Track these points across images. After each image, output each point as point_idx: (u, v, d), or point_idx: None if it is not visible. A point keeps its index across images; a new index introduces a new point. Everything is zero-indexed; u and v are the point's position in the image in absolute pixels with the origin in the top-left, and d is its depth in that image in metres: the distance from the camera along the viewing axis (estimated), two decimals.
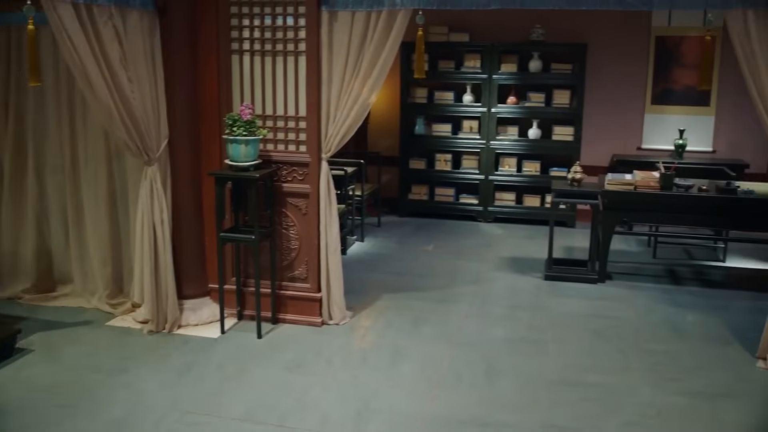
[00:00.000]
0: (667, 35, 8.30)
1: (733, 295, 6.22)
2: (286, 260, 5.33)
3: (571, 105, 8.31)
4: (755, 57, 4.49)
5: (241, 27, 5.10)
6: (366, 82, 4.99)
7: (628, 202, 6.32)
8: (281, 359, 4.78)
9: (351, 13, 4.92)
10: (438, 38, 8.46)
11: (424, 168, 8.81)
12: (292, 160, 5.18)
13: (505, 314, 5.67)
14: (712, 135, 8.36)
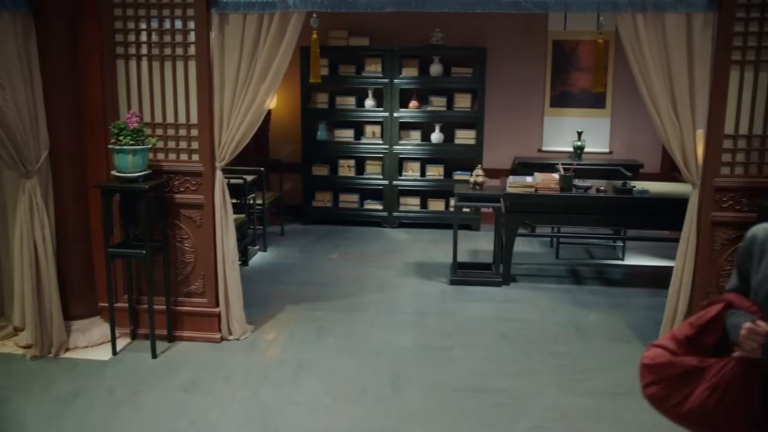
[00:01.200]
0: (564, 39, 8.46)
1: (632, 292, 6.35)
2: (182, 275, 5.08)
3: (473, 109, 8.35)
4: (645, 60, 4.57)
5: (126, 30, 4.83)
6: (260, 87, 4.82)
7: (529, 204, 6.36)
8: (177, 380, 4.53)
9: (242, 15, 4.73)
10: (338, 42, 8.34)
11: (328, 174, 8.66)
12: (185, 169, 4.94)
13: (411, 321, 5.58)
14: (608, 136, 8.58)
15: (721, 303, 2.35)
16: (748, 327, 2.17)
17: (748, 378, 2.21)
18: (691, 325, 2.40)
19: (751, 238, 2.33)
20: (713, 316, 2.35)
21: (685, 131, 4.55)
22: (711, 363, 2.28)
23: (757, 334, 2.15)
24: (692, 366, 2.31)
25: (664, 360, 2.37)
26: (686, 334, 2.38)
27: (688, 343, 2.38)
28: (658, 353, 2.40)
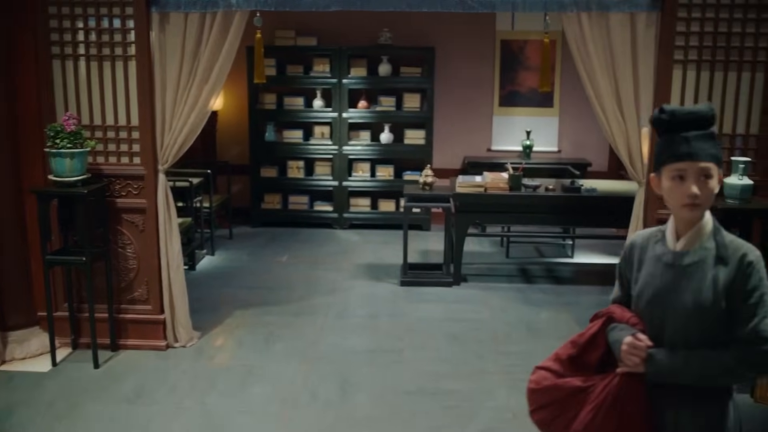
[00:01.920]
0: (512, 39, 8.50)
1: (582, 290, 6.40)
2: (124, 281, 4.93)
3: (422, 108, 8.32)
4: (591, 59, 4.59)
5: (62, 29, 4.66)
6: (203, 87, 4.71)
7: (479, 203, 6.36)
8: (120, 390, 4.38)
9: (184, 14, 4.61)
10: (285, 42, 8.23)
11: (276, 176, 8.54)
12: (126, 173, 4.79)
13: (361, 324, 5.52)
14: (557, 135, 8.64)
15: (602, 317, 2.30)
16: (628, 341, 2.13)
17: (632, 394, 2.14)
18: (574, 343, 2.34)
19: (630, 245, 2.30)
20: (595, 333, 2.30)
21: (630, 130, 4.59)
22: (595, 382, 2.21)
23: (638, 348, 2.11)
24: (576, 387, 2.24)
25: (549, 383, 2.30)
26: (569, 353, 2.33)
27: (571, 363, 2.31)
28: (543, 376, 2.33)
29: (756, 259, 2.05)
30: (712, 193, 2.08)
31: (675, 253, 2.14)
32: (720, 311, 2.05)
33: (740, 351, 2.03)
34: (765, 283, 2.05)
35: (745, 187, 4.22)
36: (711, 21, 4.46)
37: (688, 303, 2.08)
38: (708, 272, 2.07)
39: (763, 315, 2.02)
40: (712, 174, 2.07)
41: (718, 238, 2.11)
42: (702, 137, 2.08)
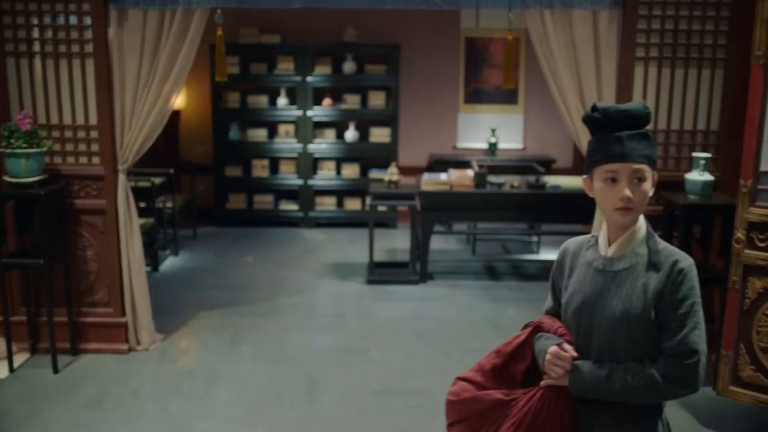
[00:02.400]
0: (476, 36, 8.51)
1: (548, 286, 6.40)
2: (84, 284, 4.82)
3: (387, 106, 8.30)
4: (554, 56, 4.60)
5: (15, 26, 4.54)
6: (164, 85, 4.62)
7: (444, 201, 6.35)
8: (81, 395, 4.28)
9: (143, 11, 4.52)
10: (248, 40, 8.14)
11: (241, 175, 8.44)
12: (84, 173, 4.69)
13: (327, 324, 5.48)
14: (521, 133, 8.68)
15: (530, 327, 2.19)
16: (552, 351, 2.02)
17: (555, 410, 2.01)
18: (498, 353, 2.21)
19: (563, 251, 2.19)
20: (521, 342, 2.17)
21: None
22: (518, 395, 2.08)
23: (563, 359, 2.00)
24: (498, 400, 2.10)
25: (469, 395, 2.15)
26: (493, 363, 2.19)
27: (495, 374, 2.18)
28: (463, 388, 2.18)
29: (688, 267, 1.96)
30: (646, 196, 1.98)
31: (606, 258, 2.04)
32: (649, 321, 1.94)
33: (667, 364, 1.92)
34: (697, 293, 1.96)
35: (706, 182, 4.26)
36: (671, 18, 4.50)
37: (616, 311, 1.97)
38: (638, 279, 1.97)
39: (693, 326, 1.93)
40: (645, 176, 1.96)
41: (651, 244, 2.01)
42: (635, 137, 1.97)
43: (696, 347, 1.92)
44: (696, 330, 1.93)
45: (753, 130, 3.63)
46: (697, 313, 1.94)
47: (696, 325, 1.93)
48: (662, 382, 1.92)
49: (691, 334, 1.92)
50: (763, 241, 3.66)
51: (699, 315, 1.95)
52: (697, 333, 1.93)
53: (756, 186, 3.67)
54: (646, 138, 1.99)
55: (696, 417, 4.06)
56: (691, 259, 1.98)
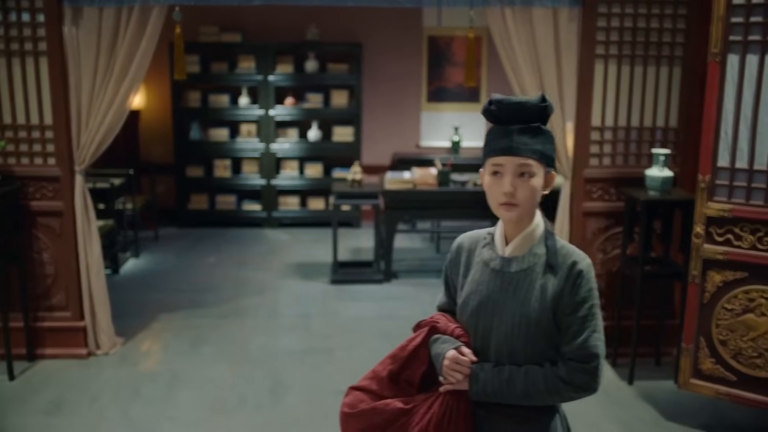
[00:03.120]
0: (439, 35, 8.52)
1: None
2: (41, 288, 4.70)
3: (350, 105, 8.27)
4: (515, 53, 4.62)
5: None
6: (121, 84, 4.53)
7: (408, 200, 6.35)
8: (38, 402, 4.18)
9: (98, 9, 4.42)
10: (209, 38, 8.04)
11: (203, 175, 8.34)
12: (40, 174, 4.57)
13: (291, 324, 5.43)
14: (484, 131, 8.70)
15: (425, 327, 2.06)
16: (450, 356, 1.92)
17: (456, 416, 1.92)
18: (394, 358, 2.07)
19: (457, 247, 2.09)
20: (417, 346, 2.05)
21: (555, 123, 4.63)
22: (418, 402, 1.97)
23: (461, 363, 1.91)
24: (398, 409, 1.97)
25: (366, 407, 2.00)
26: (390, 369, 2.05)
27: (392, 381, 2.04)
28: (359, 398, 2.03)
29: (586, 268, 1.89)
30: (533, 193, 1.88)
31: (503, 258, 1.95)
32: (547, 324, 1.88)
33: (567, 369, 1.87)
34: (595, 294, 1.90)
35: (665, 178, 4.31)
36: (630, 16, 4.54)
37: (515, 314, 1.89)
38: (536, 281, 1.90)
39: (592, 329, 1.87)
40: (533, 172, 1.87)
41: (549, 244, 1.93)
42: (527, 131, 1.88)
43: (596, 351, 1.87)
44: (595, 333, 1.88)
45: (710, 127, 3.68)
46: (596, 315, 1.89)
47: (595, 328, 1.88)
48: (563, 386, 1.87)
49: (591, 337, 1.87)
50: (721, 235, 3.71)
51: (598, 317, 1.90)
52: (596, 336, 1.88)
53: (714, 181, 3.72)
54: (541, 133, 1.90)
55: (658, 410, 4.11)
56: (589, 260, 1.92)
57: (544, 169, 1.91)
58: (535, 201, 1.91)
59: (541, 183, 1.91)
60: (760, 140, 3.58)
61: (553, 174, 1.94)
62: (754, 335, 3.65)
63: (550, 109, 1.92)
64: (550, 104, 1.92)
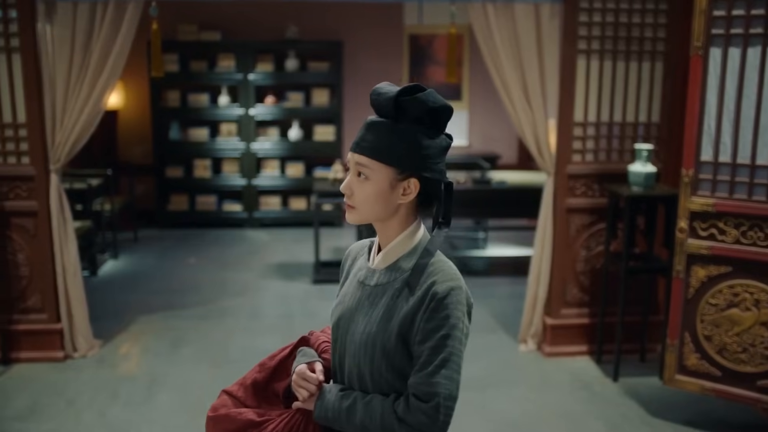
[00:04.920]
0: (420, 33, 8.48)
1: (496, 282, 6.42)
2: (16, 290, 4.60)
3: (331, 104, 8.21)
4: (497, 49, 4.58)
5: None
6: (97, 81, 4.45)
7: None
8: (12, 407, 4.08)
9: (73, 4, 4.34)
10: (188, 37, 7.94)
11: (183, 176, 8.24)
12: (13, 173, 4.47)
13: (273, 325, 5.36)
14: (466, 129, 8.68)
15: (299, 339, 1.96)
16: (299, 371, 1.76)
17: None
18: (262, 366, 1.94)
19: (347, 254, 1.93)
20: (285, 356, 1.92)
21: (538, 119, 4.60)
22: (273, 417, 1.81)
23: (309, 380, 1.74)
24: (249, 421, 1.81)
25: (224, 412, 1.87)
26: (254, 378, 1.92)
27: (256, 390, 1.91)
28: (222, 402, 1.90)
29: (445, 292, 1.62)
30: (368, 198, 1.66)
31: (369, 269, 1.77)
32: (394, 350, 1.66)
33: (406, 405, 1.63)
34: (453, 324, 1.62)
35: (648, 174, 4.28)
36: (612, 12, 4.51)
37: (363, 333, 1.69)
38: (391, 300, 1.68)
39: (439, 364, 1.60)
40: (368, 174, 1.65)
41: (420, 261, 1.68)
42: (375, 126, 1.67)
43: (436, 390, 1.60)
44: (443, 369, 1.61)
45: (693, 120, 3.66)
46: (446, 348, 1.61)
47: (443, 364, 1.61)
48: (398, 424, 1.62)
49: (437, 373, 1.60)
50: (705, 230, 3.69)
51: (450, 351, 1.61)
52: (443, 373, 1.61)
53: (697, 176, 3.69)
54: (391, 131, 1.65)
55: (643, 407, 4.08)
56: (456, 283, 1.65)
57: (394, 173, 1.66)
58: (379, 207, 1.68)
59: (383, 188, 1.66)
60: (743, 134, 3.57)
61: (412, 181, 1.67)
62: (739, 330, 3.64)
63: (410, 103, 1.65)
64: (416, 97, 1.64)
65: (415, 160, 1.66)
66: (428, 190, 1.71)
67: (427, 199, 1.74)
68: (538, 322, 4.85)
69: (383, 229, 1.74)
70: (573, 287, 4.76)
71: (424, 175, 1.67)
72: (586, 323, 4.78)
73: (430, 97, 1.66)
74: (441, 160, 1.70)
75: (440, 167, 1.70)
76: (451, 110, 1.71)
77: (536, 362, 4.72)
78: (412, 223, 1.74)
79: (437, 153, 1.68)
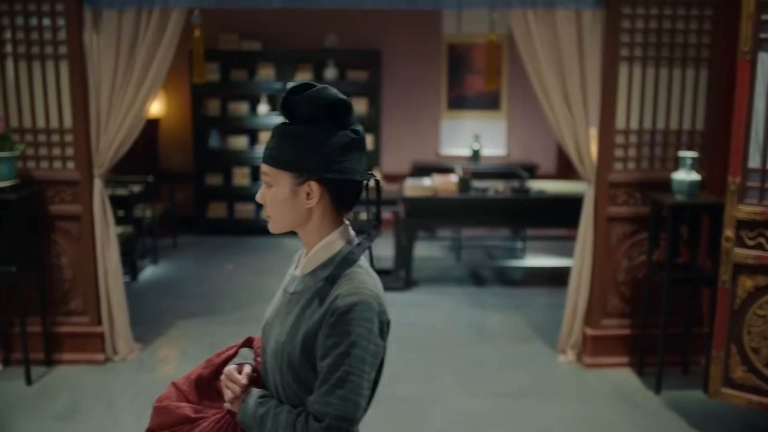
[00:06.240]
0: (458, 42, 8.47)
1: (533, 292, 6.35)
2: (59, 293, 4.67)
3: (369, 112, 8.23)
4: (538, 56, 4.54)
5: None
6: (140, 88, 4.51)
7: (428, 207, 6.27)
8: (54, 407, 4.14)
9: (118, 12, 4.41)
10: (228, 46, 8.05)
11: (222, 183, 8.33)
12: (59, 178, 4.55)
13: None
14: (505, 139, 8.63)
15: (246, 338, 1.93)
16: (227, 372, 1.74)
17: None
18: (208, 362, 1.92)
19: (293, 259, 1.91)
20: (230, 355, 1.90)
21: (579, 126, 4.55)
22: (208, 415, 1.79)
23: (235, 381, 1.72)
24: (184, 416, 1.79)
25: (165, 404, 1.84)
26: (199, 374, 1.90)
27: (200, 386, 1.88)
28: (167, 394, 1.88)
29: (347, 307, 1.55)
30: (277, 206, 1.64)
31: (293, 276, 1.75)
32: (299, 363, 1.61)
33: (303, 421, 1.58)
34: (353, 341, 1.55)
35: (693, 182, 4.20)
36: (655, 18, 4.45)
37: (275, 343, 1.67)
38: (302, 310, 1.64)
39: (334, 383, 1.54)
40: (270, 182, 1.63)
41: (335, 271, 1.63)
42: (277, 132, 1.63)
43: (327, 410, 1.54)
44: (338, 389, 1.54)
45: (740, 127, 3.58)
46: (343, 366, 1.54)
47: (339, 384, 1.54)
48: None
49: (331, 393, 1.54)
50: (752, 239, 3.60)
51: (347, 370, 1.54)
52: (338, 393, 1.54)
53: (744, 183, 3.61)
54: (284, 134, 1.61)
55: (687, 420, 3.99)
56: (361, 297, 1.57)
57: (292, 177, 1.61)
58: (288, 215, 1.65)
59: (286, 195, 1.63)
60: None
61: (312, 185, 1.61)
62: None
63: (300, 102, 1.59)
64: (304, 96, 1.59)
65: (311, 161, 1.59)
66: (340, 191, 1.64)
67: (345, 202, 1.67)
68: (578, 332, 4.78)
69: (304, 236, 1.70)
70: (614, 297, 4.68)
71: (327, 177, 1.60)
72: (627, 334, 4.69)
73: (321, 93, 1.59)
74: (347, 158, 1.61)
75: (346, 165, 1.61)
76: (347, 104, 1.62)
77: (576, 373, 4.65)
78: (335, 230, 1.68)
79: (339, 151, 1.60)
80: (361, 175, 1.64)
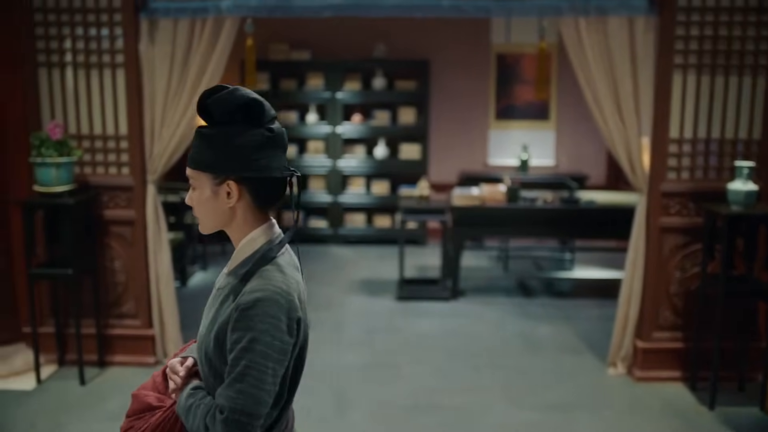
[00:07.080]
0: (507, 52, 8.43)
1: (582, 303, 6.26)
2: (112, 296, 4.78)
3: (417, 122, 8.24)
4: (589, 64, 4.50)
5: (48, 36, 4.55)
6: (194, 95, 4.59)
7: (476, 216, 6.24)
8: (106, 408, 4.22)
9: (173, 21, 4.51)
10: (278, 56, 8.15)
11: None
12: (114, 183, 4.67)
13: (357, 339, 5.38)
14: (553, 149, 8.55)
15: None
16: (170, 363, 1.79)
17: (173, 428, 1.75)
18: (177, 354, 1.94)
19: None
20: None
21: (631, 135, 4.48)
22: (166, 405, 1.80)
23: (176, 372, 1.76)
24: (148, 404, 1.82)
25: (137, 392, 1.88)
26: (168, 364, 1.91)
27: (166, 377, 1.89)
28: (145, 384, 1.91)
29: (248, 303, 1.60)
30: (200, 207, 1.70)
31: (221, 273, 1.83)
32: (215, 357, 1.67)
33: (212, 415, 1.62)
34: (256, 338, 1.59)
35: (749, 192, 4.10)
36: (711, 25, 4.37)
37: (199, 336, 1.76)
38: (219, 305, 1.70)
39: (236, 378, 1.59)
40: (194, 185, 1.69)
41: (252, 268, 1.67)
42: (196, 135, 1.69)
43: (226, 403, 1.59)
44: (238, 383, 1.59)
45: None
46: (243, 361, 1.59)
47: (239, 378, 1.59)
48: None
49: (231, 386, 1.59)
50: None
51: (247, 365, 1.59)
52: (237, 387, 1.59)
53: None
54: (202, 137, 1.67)
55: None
56: (265, 294, 1.61)
57: (210, 178, 1.67)
58: (212, 215, 1.71)
59: (207, 196, 1.68)
60: None
61: (231, 184, 1.66)
62: None
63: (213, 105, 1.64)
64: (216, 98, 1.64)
65: (227, 161, 1.64)
66: (259, 189, 1.68)
67: (266, 200, 1.72)
68: (629, 345, 4.69)
69: (231, 235, 1.75)
70: (666, 310, 4.58)
71: (244, 175, 1.65)
72: (680, 347, 4.59)
73: (232, 94, 1.64)
74: (263, 156, 1.66)
75: (263, 163, 1.65)
76: (260, 103, 1.66)
77: (626, 386, 4.56)
78: (257, 228, 1.73)
79: (254, 149, 1.64)
80: (281, 172, 1.69)
